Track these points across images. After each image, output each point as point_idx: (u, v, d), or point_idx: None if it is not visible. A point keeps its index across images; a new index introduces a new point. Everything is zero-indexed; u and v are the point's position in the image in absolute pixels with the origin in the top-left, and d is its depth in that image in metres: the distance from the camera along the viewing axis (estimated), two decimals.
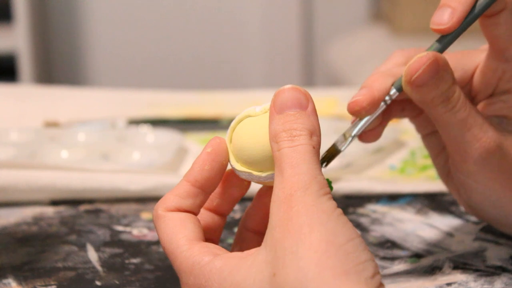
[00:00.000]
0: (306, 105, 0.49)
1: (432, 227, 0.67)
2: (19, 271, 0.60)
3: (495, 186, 0.58)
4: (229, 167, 0.52)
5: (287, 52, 2.42)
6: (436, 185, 0.74)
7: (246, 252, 0.48)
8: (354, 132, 0.56)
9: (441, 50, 0.56)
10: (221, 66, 2.46)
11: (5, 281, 0.58)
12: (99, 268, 0.61)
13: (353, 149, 0.82)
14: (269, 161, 0.50)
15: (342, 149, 0.55)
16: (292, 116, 0.49)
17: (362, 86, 0.57)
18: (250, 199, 0.56)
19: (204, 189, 0.51)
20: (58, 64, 2.46)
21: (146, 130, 0.89)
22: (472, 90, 0.60)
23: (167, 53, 2.45)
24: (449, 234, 0.66)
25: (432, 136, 0.62)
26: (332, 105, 1.02)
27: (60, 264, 0.61)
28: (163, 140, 0.86)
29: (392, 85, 0.57)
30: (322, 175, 0.47)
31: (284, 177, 0.47)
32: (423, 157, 0.83)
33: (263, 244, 0.47)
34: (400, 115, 0.61)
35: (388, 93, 0.56)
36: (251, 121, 0.51)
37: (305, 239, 0.44)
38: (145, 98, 1.05)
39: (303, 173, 0.47)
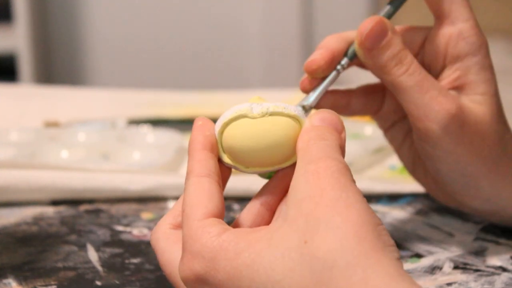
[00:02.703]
0: (341, 131, 0.49)
1: (432, 227, 0.67)
2: (20, 271, 0.60)
3: (461, 151, 0.58)
4: None
5: (287, 52, 2.42)
6: None
7: (257, 228, 0.47)
8: (311, 99, 0.58)
9: (390, 15, 0.59)
10: (221, 66, 2.46)
11: (5, 281, 0.58)
12: (99, 268, 0.61)
13: (353, 149, 0.82)
14: (258, 162, 0.51)
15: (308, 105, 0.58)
16: (325, 128, 0.49)
17: (318, 48, 0.59)
18: (249, 198, 0.56)
19: (213, 152, 0.51)
20: (58, 64, 2.46)
21: (146, 130, 0.89)
22: (424, 64, 0.60)
23: (167, 53, 2.45)
24: (449, 234, 0.66)
25: (393, 128, 0.64)
26: None
27: (60, 264, 0.61)
28: (163, 140, 0.86)
29: (344, 55, 0.59)
30: None
31: (314, 155, 0.47)
32: None
33: (281, 219, 0.46)
34: (362, 110, 0.63)
35: (340, 62, 0.59)
36: (248, 123, 0.50)
37: (342, 212, 0.43)
38: (145, 98, 1.05)
39: (337, 159, 0.46)
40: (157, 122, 0.93)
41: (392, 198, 0.73)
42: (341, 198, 0.44)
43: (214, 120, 0.53)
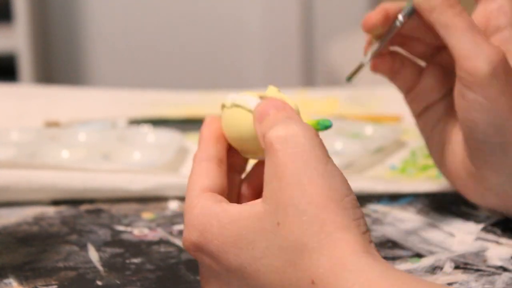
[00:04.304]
0: (283, 108, 0.51)
1: (433, 227, 0.67)
2: (20, 271, 0.60)
3: (503, 102, 0.59)
4: None
5: (287, 52, 2.42)
6: (437, 185, 0.74)
7: (243, 204, 0.49)
8: (374, 49, 0.64)
9: None
10: (221, 66, 2.46)
11: (6, 281, 0.58)
12: (100, 268, 0.61)
13: (354, 149, 0.82)
14: (242, 149, 0.55)
15: (365, 62, 0.64)
16: (271, 115, 0.50)
17: (375, 9, 0.63)
18: None
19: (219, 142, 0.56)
20: (58, 64, 2.46)
21: (146, 130, 0.89)
22: None
23: (167, 53, 2.45)
24: (450, 234, 0.66)
25: (427, 112, 0.66)
26: (332, 105, 1.02)
27: (61, 264, 0.61)
28: (163, 140, 0.86)
29: (401, 12, 0.63)
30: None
31: (267, 136, 0.48)
32: (424, 157, 0.83)
33: (262, 198, 0.48)
34: (403, 79, 0.66)
35: (397, 18, 0.63)
36: (223, 113, 0.55)
37: (305, 192, 0.46)
38: (145, 98, 1.05)
39: (290, 128, 0.48)
40: (158, 122, 0.93)
41: (393, 198, 0.73)
42: (304, 174, 0.46)
43: None
